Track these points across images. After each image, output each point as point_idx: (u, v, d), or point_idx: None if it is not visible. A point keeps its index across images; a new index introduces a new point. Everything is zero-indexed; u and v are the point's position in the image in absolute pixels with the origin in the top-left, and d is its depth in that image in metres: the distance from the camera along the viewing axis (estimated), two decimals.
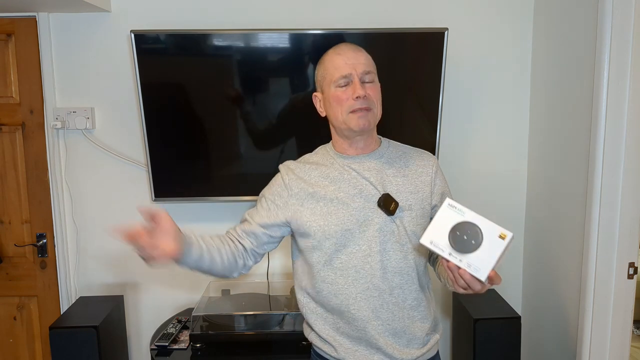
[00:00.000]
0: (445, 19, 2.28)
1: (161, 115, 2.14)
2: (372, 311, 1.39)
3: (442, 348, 2.52)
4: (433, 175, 1.45)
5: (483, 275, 1.16)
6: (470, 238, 1.19)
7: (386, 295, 1.39)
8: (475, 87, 2.34)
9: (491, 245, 1.18)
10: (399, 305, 1.40)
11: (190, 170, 2.21)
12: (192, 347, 2.02)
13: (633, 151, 1.82)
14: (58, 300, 2.41)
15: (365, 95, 1.35)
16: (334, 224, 1.38)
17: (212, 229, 2.39)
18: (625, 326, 1.91)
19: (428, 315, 1.45)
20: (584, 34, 1.93)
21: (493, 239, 1.18)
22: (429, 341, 1.46)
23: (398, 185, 1.41)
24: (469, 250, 1.18)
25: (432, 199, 1.44)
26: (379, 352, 1.41)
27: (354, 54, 1.38)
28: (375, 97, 1.38)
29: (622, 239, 1.86)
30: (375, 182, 1.40)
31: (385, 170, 1.42)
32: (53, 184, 2.32)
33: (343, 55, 1.38)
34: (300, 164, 1.49)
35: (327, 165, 1.45)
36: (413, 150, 1.50)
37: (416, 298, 1.42)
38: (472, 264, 1.18)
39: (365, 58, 1.40)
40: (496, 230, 1.19)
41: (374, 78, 1.40)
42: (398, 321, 1.40)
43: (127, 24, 2.24)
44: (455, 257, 1.19)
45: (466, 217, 1.20)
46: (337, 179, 1.42)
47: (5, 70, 2.27)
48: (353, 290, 1.38)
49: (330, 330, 1.44)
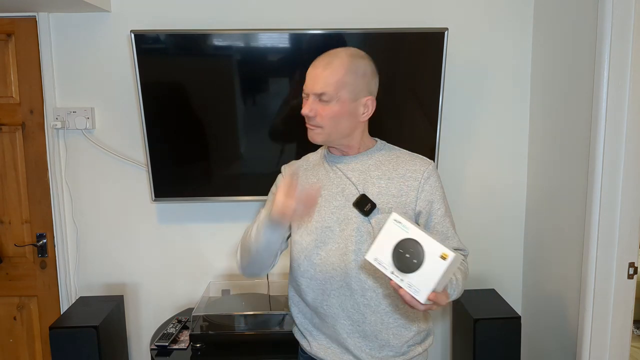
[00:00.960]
0: (445, 19, 2.28)
1: (161, 115, 2.14)
2: (343, 310, 1.40)
3: (442, 348, 2.52)
4: (422, 181, 1.38)
5: (422, 297, 1.13)
6: (412, 257, 1.15)
7: (358, 296, 1.39)
8: (475, 87, 2.34)
9: (432, 266, 1.13)
10: (371, 308, 1.39)
11: (190, 170, 2.21)
12: (192, 347, 2.02)
13: (633, 151, 1.82)
14: (58, 300, 2.41)
15: (312, 115, 1.35)
16: (315, 220, 1.41)
17: (212, 229, 2.39)
18: (625, 326, 1.91)
19: (409, 324, 1.42)
20: (584, 34, 1.93)
21: (434, 259, 1.13)
22: (407, 352, 1.44)
23: (380, 187, 1.39)
24: (411, 270, 1.14)
25: (417, 204, 1.38)
26: (348, 353, 1.42)
27: (319, 71, 1.35)
28: (326, 116, 1.34)
29: (622, 239, 1.86)
30: (356, 182, 1.41)
31: (370, 171, 1.41)
32: (53, 184, 2.32)
33: (313, 68, 1.37)
34: (299, 162, 1.54)
35: (319, 164, 1.49)
36: (408, 155, 1.45)
37: (391, 304, 1.40)
38: (413, 285, 1.14)
39: (330, 77, 1.33)
40: (438, 249, 1.13)
41: (330, 98, 1.34)
42: (369, 324, 1.40)
43: (127, 24, 2.24)
44: (397, 276, 1.16)
45: (410, 234, 1.16)
46: (324, 178, 1.45)
47: (5, 70, 2.27)
48: (328, 287, 1.41)
49: (307, 325, 1.49)
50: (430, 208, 1.39)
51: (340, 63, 1.34)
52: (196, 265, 2.42)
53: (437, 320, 2.50)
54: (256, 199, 2.27)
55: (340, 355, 1.43)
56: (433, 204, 1.39)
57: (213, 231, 2.40)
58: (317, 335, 1.47)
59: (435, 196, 1.39)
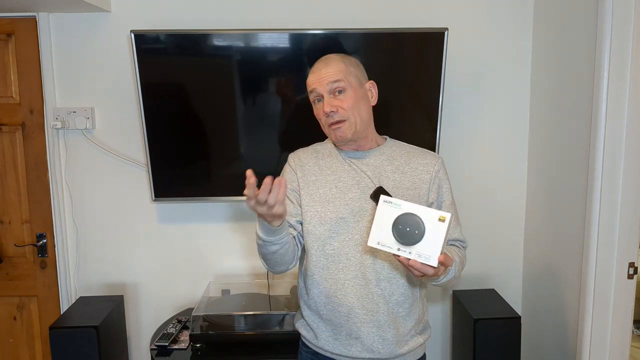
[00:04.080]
0: (445, 19, 2.28)
1: (161, 115, 2.14)
2: (358, 299, 1.43)
3: (442, 348, 2.52)
4: (434, 174, 1.46)
5: (434, 261, 1.19)
6: (413, 229, 1.20)
7: (372, 286, 1.42)
8: (475, 87, 2.34)
9: (434, 231, 1.19)
10: (385, 298, 1.43)
11: (190, 170, 2.21)
12: (192, 347, 2.02)
13: (633, 151, 1.82)
14: (58, 300, 2.41)
15: (334, 110, 1.39)
16: (330, 210, 1.44)
17: (212, 229, 2.39)
18: (625, 326, 1.91)
19: (413, 313, 1.47)
20: (584, 34, 1.93)
21: (434, 224, 1.20)
22: (410, 341, 1.47)
23: (395, 181, 1.45)
24: (415, 241, 1.20)
25: (430, 196, 1.46)
26: (358, 342, 1.44)
27: (322, 69, 1.42)
28: (347, 106, 1.41)
29: (622, 239, 1.86)
30: (372, 175, 1.45)
31: (384, 166, 1.47)
32: (53, 184, 2.32)
33: (315, 72, 1.44)
34: (308, 151, 1.56)
35: (332, 155, 1.51)
36: (418, 151, 1.52)
37: (403, 294, 1.45)
38: (422, 254, 1.20)
39: (334, 69, 1.41)
40: (435, 214, 1.20)
41: (345, 85, 1.41)
42: (382, 314, 1.43)
43: (127, 24, 2.24)
44: (404, 251, 1.21)
45: (404, 209, 1.21)
46: (338, 170, 1.48)
47: (5, 70, 2.27)
48: (342, 276, 1.43)
49: (315, 317, 1.50)
50: (440, 199, 1.46)
51: (336, 59, 1.44)
52: (196, 265, 2.42)
53: (437, 320, 2.50)
54: None
55: (348, 347, 1.45)
56: (442, 195, 1.47)
57: (213, 231, 2.40)
58: (325, 328, 1.48)
59: (444, 188, 1.48)
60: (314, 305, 1.49)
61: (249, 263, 2.43)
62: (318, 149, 1.55)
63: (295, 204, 1.49)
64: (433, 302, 2.49)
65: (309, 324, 1.52)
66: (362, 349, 1.44)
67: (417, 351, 1.51)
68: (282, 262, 1.43)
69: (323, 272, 1.45)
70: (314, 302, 1.48)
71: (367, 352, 1.44)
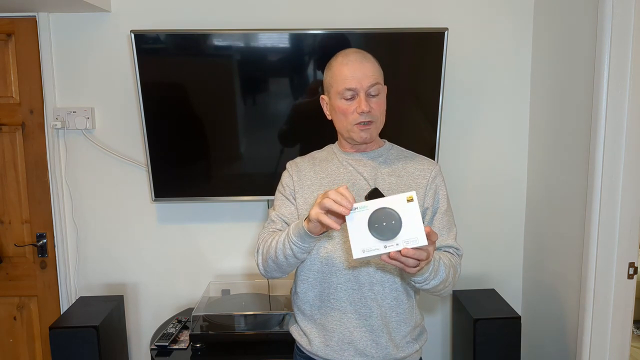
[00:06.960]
0: (445, 19, 2.28)
1: (161, 115, 2.14)
2: (351, 304, 1.41)
3: (442, 348, 2.52)
4: (430, 180, 1.45)
5: (423, 240, 1.18)
6: (389, 221, 1.19)
7: (365, 290, 1.41)
8: (475, 87, 2.34)
9: (409, 213, 1.18)
10: (377, 302, 1.42)
11: (190, 170, 2.21)
12: (192, 347, 2.02)
13: (633, 151, 1.82)
14: (58, 300, 2.41)
15: (370, 111, 1.39)
16: None
17: (212, 229, 2.39)
18: (625, 326, 1.91)
19: (408, 319, 1.45)
20: (584, 34, 1.93)
21: (405, 207, 1.19)
22: (405, 347, 1.45)
23: (391, 184, 1.44)
24: (396, 231, 1.18)
25: (425, 201, 1.44)
26: (351, 347, 1.42)
27: (360, 65, 1.38)
28: (379, 110, 1.42)
29: (622, 239, 1.86)
30: (368, 177, 1.45)
31: (380, 168, 1.47)
32: (53, 184, 2.32)
33: (350, 66, 1.38)
34: (305, 159, 1.55)
35: (328, 160, 1.51)
36: (415, 156, 1.52)
37: (396, 298, 1.43)
38: (408, 239, 1.18)
39: (372, 69, 1.39)
40: (401, 199, 1.19)
41: (380, 90, 1.41)
42: (375, 318, 1.42)
43: (127, 24, 2.24)
44: (391, 246, 1.19)
45: (372, 207, 1.20)
46: (334, 173, 1.47)
47: (5, 70, 2.27)
48: (335, 280, 1.42)
49: (308, 322, 1.48)
50: (435, 205, 1.45)
51: (370, 58, 1.42)
52: (196, 265, 2.42)
53: (437, 320, 2.50)
54: (256, 199, 2.27)
55: (341, 353, 1.44)
56: (437, 202, 1.46)
57: (213, 231, 2.40)
58: (318, 333, 1.46)
59: (440, 194, 1.46)
60: (308, 309, 1.47)
61: (249, 263, 2.43)
62: (315, 156, 1.55)
63: (288, 205, 1.48)
64: (433, 302, 2.49)
65: (302, 328, 1.50)
66: (354, 353, 1.42)
67: (414, 356, 1.49)
68: (288, 270, 1.41)
69: (317, 275, 1.44)
70: (308, 306, 1.47)
71: (360, 356, 1.42)
